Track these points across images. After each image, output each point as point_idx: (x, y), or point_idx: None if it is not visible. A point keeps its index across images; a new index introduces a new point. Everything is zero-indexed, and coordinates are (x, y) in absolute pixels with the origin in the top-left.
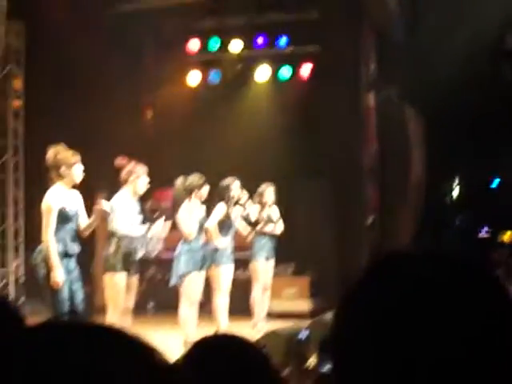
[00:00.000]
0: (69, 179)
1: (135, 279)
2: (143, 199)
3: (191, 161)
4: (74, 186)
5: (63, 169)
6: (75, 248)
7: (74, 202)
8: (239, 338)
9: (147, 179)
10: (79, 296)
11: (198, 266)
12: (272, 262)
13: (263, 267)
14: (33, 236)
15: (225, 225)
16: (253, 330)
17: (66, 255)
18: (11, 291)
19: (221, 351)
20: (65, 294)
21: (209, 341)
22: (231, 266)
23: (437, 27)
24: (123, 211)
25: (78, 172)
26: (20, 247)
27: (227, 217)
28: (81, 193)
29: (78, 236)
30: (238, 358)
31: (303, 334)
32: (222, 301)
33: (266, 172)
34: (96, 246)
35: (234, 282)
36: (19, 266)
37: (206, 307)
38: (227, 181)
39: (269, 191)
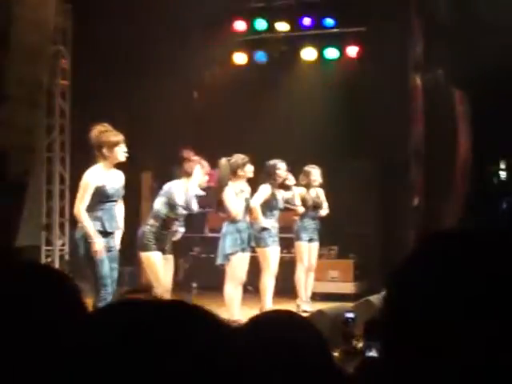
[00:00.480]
0: (111, 159)
1: (170, 258)
2: None
3: (238, 141)
4: (118, 166)
5: (105, 149)
6: (114, 226)
7: (114, 181)
8: (295, 315)
9: (207, 178)
10: (114, 275)
11: (244, 246)
12: (316, 243)
13: (307, 248)
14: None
15: (270, 205)
16: (296, 310)
17: (105, 233)
18: None
19: (277, 327)
20: (106, 269)
21: (264, 317)
22: (277, 248)
23: (485, 8)
24: (179, 198)
25: (120, 152)
26: (65, 226)
27: (273, 197)
28: (127, 172)
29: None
30: (294, 334)
31: (350, 315)
32: (268, 282)
33: (312, 153)
34: (141, 224)
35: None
36: (64, 245)
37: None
38: (274, 162)
39: (315, 172)
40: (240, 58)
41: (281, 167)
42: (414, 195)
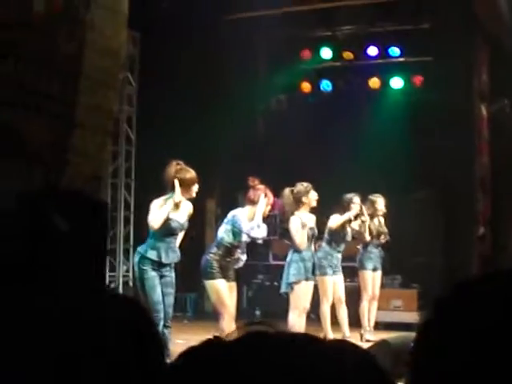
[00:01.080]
0: (177, 196)
1: (233, 285)
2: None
3: (302, 170)
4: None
5: (176, 185)
6: (171, 258)
7: (181, 216)
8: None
9: (269, 206)
10: (169, 300)
11: (308, 275)
12: (379, 272)
13: (371, 277)
14: (142, 241)
15: (338, 237)
16: (360, 341)
17: (160, 264)
18: None
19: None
20: (156, 296)
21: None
22: (338, 277)
23: None
24: (243, 226)
25: (194, 190)
26: (130, 252)
27: (342, 229)
28: (191, 199)
29: (177, 247)
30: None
31: None
32: (327, 310)
33: (377, 182)
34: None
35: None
36: (128, 271)
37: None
38: (350, 195)
39: (380, 202)
40: (306, 87)
41: (356, 201)
42: (479, 225)
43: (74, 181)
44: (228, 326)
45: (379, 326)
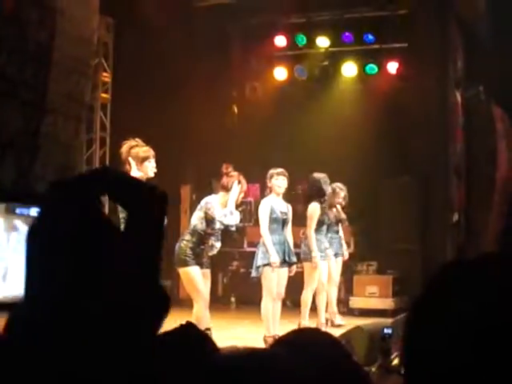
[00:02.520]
0: (141, 173)
1: (208, 272)
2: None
3: (275, 156)
4: (158, 179)
5: (135, 164)
6: None
7: None
8: (324, 335)
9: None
10: None
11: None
12: (340, 258)
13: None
14: None
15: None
16: (331, 326)
17: None
18: None
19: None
20: None
21: (292, 336)
22: (324, 263)
23: None
24: (216, 213)
25: (149, 167)
26: None
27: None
28: (166, 185)
29: None
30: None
31: (387, 330)
32: (309, 297)
33: (352, 169)
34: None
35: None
36: None
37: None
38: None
39: (341, 193)
40: (280, 73)
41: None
42: (453, 211)
43: (46, 168)
44: (202, 312)
45: (354, 311)
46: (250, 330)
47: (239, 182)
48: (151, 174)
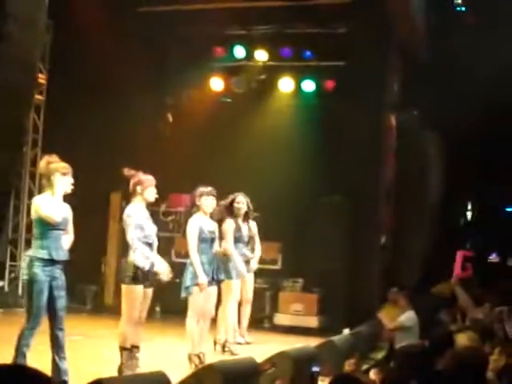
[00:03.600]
0: (57, 189)
1: (150, 291)
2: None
3: (208, 167)
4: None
5: (52, 178)
6: (61, 255)
7: (62, 211)
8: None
9: (154, 190)
10: (62, 303)
11: (208, 278)
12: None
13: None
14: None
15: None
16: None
17: (51, 261)
18: None
19: None
20: (44, 300)
21: None
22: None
23: (461, 51)
24: (138, 221)
25: (68, 183)
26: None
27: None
28: (96, 191)
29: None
30: None
31: (316, 369)
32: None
33: (283, 187)
34: (108, 245)
35: None
36: None
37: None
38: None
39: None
40: (217, 84)
41: (240, 200)
42: (382, 233)
43: None
44: (126, 328)
45: (278, 328)
46: (174, 345)
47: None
48: (69, 191)
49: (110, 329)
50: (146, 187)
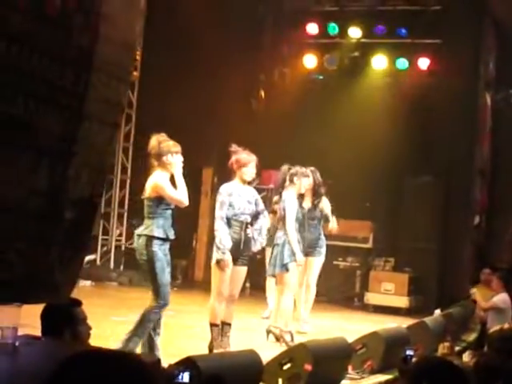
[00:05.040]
0: (169, 168)
1: (244, 269)
2: None
3: (299, 143)
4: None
5: (165, 158)
6: (172, 234)
7: (184, 191)
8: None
9: (252, 169)
10: (169, 279)
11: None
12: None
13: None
14: (137, 206)
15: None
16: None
17: (166, 240)
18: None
19: None
20: (167, 278)
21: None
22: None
23: None
24: (227, 199)
25: (179, 162)
26: (124, 216)
27: None
28: (187, 167)
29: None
30: None
31: (410, 352)
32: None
33: (375, 164)
34: (199, 221)
35: None
36: (121, 235)
37: None
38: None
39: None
40: (310, 61)
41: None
42: (475, 214)
43: (79, 172)
44: (215, 305)
45: (369, 307)
46: (263, 322)
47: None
48: (180, 169)
49: (200, 304)
50: (242, 166)
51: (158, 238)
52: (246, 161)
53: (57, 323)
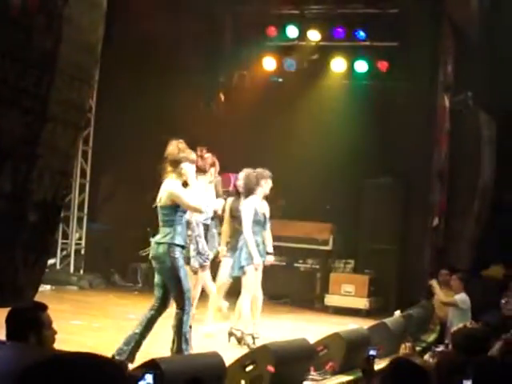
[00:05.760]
0: (183, 176)
1: (202, 273)
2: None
3: (259, 147)
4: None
5: (182, 165)
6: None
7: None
8: None
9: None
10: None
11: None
12: None
13: None
14: (95, 209)
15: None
16: None
17: (183, 247)
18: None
19: None
20: (188, 283)
21: None
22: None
23: None
24: (202, 197)
25: (193, 171)
26: (83, 220)
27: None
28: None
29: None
30: None
31: (373, 352)
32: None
33: (335, 166)
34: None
35: None
36: (81, 239)
37: None
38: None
39: None
40: (269, 64)
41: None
42: (434, 215)
43: (42, 175)
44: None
45: (329, 309)
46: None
47: (213, 164)
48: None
49: None
50: (214, 166)
51: (179, 245)
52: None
53: (22, 328)
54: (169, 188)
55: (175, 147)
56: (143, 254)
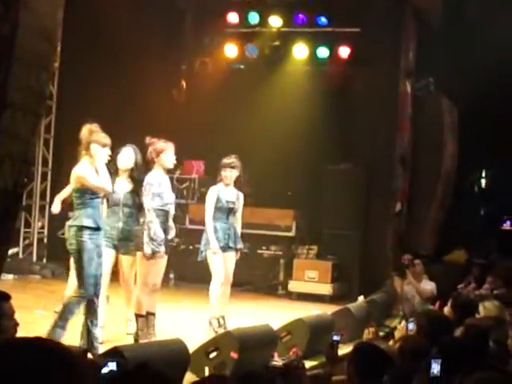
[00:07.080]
0: (95, 159)
1: (165, 259)
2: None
3: (221, 135)
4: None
5: (92, 147)
6: (101, 223)
7: (107, 180)
8: None
9: (172, 156)
10: (100, 270)
11: (223, 244)
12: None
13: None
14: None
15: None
16: None
17: (97, 230)
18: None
19: None
20: (94, 267)
21: None
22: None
23: (477, 17)
24: (157, 190)
25: (104, 154)
26: (45, 208)
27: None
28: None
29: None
30: None
31: (336, 338)
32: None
33: (297, 153)
34: None
35: None
36: (43, 227)
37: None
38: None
39: None
40: (231, 50)
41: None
42: (397, 201)
43: (2, 162)
44: (141, 296)
45: (293, 295)
46: (189, 312)
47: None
48: (105, 161)
49: (123, 297)
50: (160, 152)
51: (88, 228)
52: (163, 147)
53: None
54: (75, 170)
55: (87, 130)
56: (61, 235)
